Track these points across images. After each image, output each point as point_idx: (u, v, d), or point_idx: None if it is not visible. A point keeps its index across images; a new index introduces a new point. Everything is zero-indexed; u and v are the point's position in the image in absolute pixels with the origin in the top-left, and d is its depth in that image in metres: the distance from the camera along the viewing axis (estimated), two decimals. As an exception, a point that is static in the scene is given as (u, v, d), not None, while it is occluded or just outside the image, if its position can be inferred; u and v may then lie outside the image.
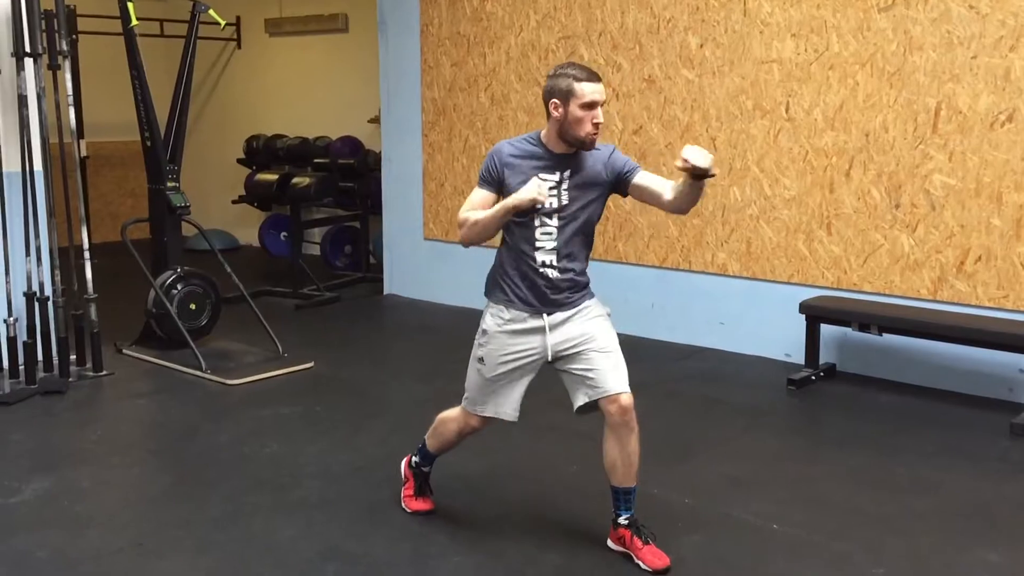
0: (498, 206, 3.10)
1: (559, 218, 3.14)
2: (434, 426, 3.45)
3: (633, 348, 5.88)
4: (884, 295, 5.18)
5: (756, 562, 3.20)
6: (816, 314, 5.16)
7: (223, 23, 5.92)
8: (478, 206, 3.16)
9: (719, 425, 4.57)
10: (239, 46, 9.97)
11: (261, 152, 9.24)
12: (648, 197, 3.19)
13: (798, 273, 5.48)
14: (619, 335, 3.24)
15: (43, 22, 5.10)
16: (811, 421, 4.78)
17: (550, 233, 3.14)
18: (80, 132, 8.99)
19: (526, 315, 3.17)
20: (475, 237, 3.16)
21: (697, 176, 2.95)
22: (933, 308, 4.99)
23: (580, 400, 3.17)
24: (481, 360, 3.24)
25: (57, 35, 5.11)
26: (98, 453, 4.16)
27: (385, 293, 7.52)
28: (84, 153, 9.08)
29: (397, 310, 7.19)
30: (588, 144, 3.10)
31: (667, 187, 3.13)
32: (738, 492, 3.75)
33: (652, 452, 4.12)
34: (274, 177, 7.91)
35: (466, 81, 6.84)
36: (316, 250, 8.79)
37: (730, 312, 5.79)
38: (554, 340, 3.17)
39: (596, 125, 3.06)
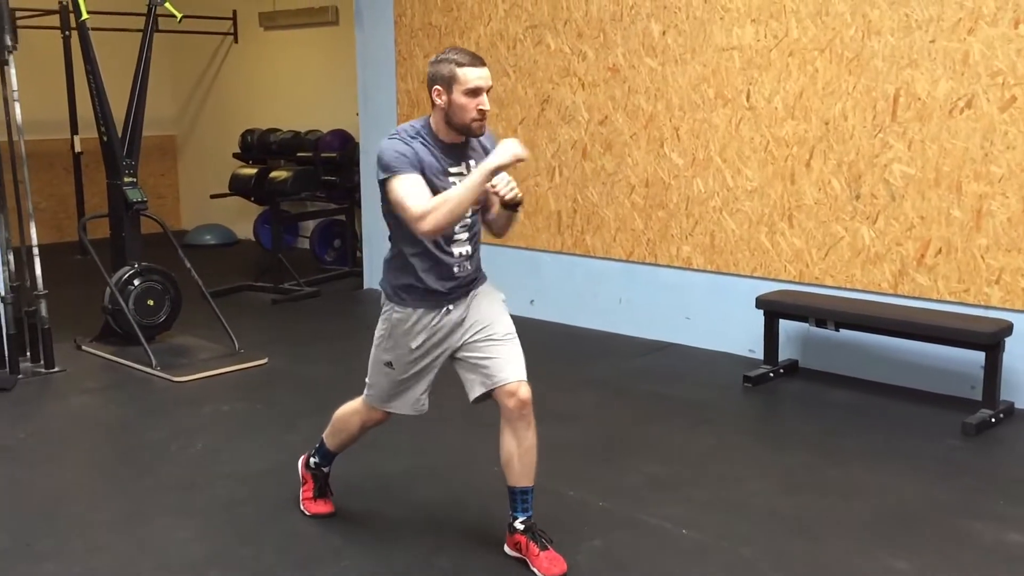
0: (475, 175, 2.81)
1: (472, 209, 3.02)
2: (332, 424, 3.38)
3: (600, 343, 5.85)
4: (845, 289, 5.01)
5: (652, 568, 3.08)
6: (773, 309, 5.01)
7: (179, 16, 5.88)
8: (423, 192, 2.84)
9: (661, 424, 4.44)
10: (236, 40, 9.96)
11: (255, 146, 9.23)
12: (484, 199, 3.06)
13: (761, 267, 5.33)
14: (587, 330, 3.14)
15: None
16: (758, 420, 4.64)
17: (466, 224, 3.04)
18: (74, 127, 9.13)
19: (431, 316, 3.07)
20: (450, 220, 2.82)
21: (506, 207, 2.94)
22: (893, 303, 4.81)
23: (476, 391, 3.07)
24: (389, 364, 3.15)
25: (4, 31, 5.09)
26: (20, 451, 4.14)
27: (365, 288, 7.46)
28: (79, 149, 9.16)
29: (374, 306, 7.05)
30: (474, 131, 2.97)
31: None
32: (657, 494, 3.63)
33: (581, 451, 4.06)
34: (253, 171, 7.88)
35: (439, 72, 6.73)
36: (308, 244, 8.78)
37: (695, 307, 5.64)
38: (460, 333, 3.08)
39: (481, 112, 2.94)
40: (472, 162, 3.02)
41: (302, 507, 3.47)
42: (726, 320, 5.50)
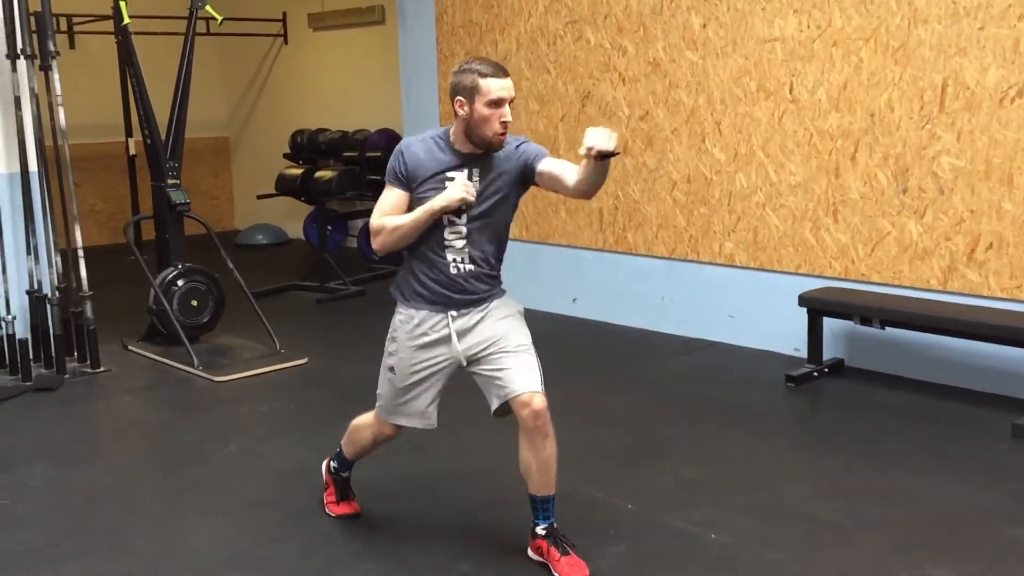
0: (422, 209, 2.92)
1: (468, 218, 2.98)
2: (348, 433, 3.37)
3: (642, 342, 5.77)
4: (893, 286, 4.86)
5: (676, 573, 3.00)
6: (817, 307, 4.88)
7: (220, 18, 5.92)
8: (391, 210, 2.98)
9: (698, 424, 4.35)
10: (285, 41, 10.04)
11: (305, 147, 9.29)
12: (554, 183, 2.99)
13: (805, 263, 5.19)
14: (630, 329, 3.06)
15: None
16: (799, 421, 4.51)
17: (459, 233, 2.99)
18: (128, 130, 9.28)
19: (435, 319, 3.03)
20: (394, 244, 2.97)
21: (602, 158, 2.76)
22: (942, 300, 4.65)
23: (493, 404, 3.03)
24: (392, 369, 3.13)
25: (47, 36, 5.17)
26: (59, 452, 4.19)
27: (410, 286, 7.44)
28: (132, 151, 9.30)
29: (418, 304, 7.09)
30: (496, 145, 2.93)
31: (572, 171, 2.94)
32: (687, 498, 3.55)
33: (614, 453, 4.00)
34: (299, 171, 7.92)
35: (481, 70, 6.70)
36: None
37: (738, 304, 5.53)
38: (464, 345, 3.03)
39: (504, 124, 2.89)
40: (477, 169, 2.97)
41: (327, 510, 3.45)
42: (770, 318, 5.37)
